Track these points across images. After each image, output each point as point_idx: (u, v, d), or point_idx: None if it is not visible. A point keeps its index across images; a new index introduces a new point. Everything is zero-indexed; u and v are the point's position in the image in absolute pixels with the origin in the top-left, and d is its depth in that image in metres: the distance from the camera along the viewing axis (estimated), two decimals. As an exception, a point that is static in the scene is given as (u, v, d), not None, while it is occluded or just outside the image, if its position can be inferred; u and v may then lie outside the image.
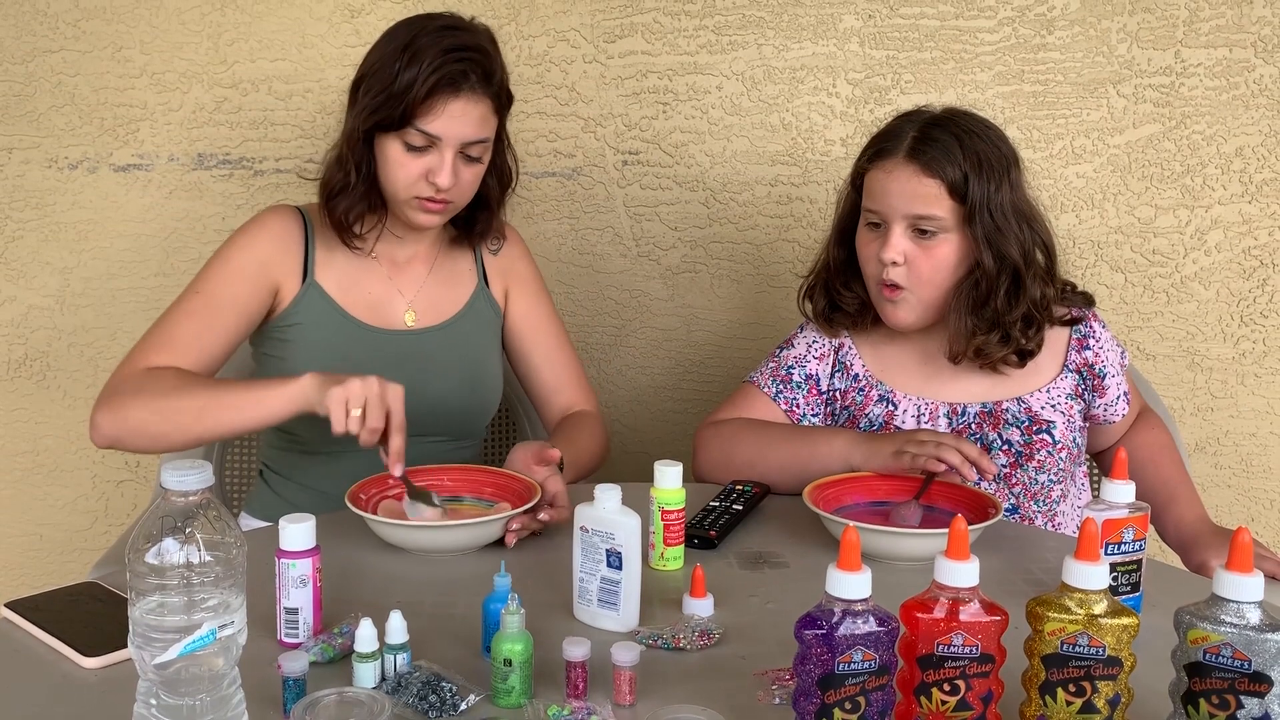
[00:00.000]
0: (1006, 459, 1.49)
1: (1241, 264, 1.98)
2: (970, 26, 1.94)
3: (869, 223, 1.48)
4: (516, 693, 0.93)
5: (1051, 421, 1.50)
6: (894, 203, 1.43)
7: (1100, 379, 1.53)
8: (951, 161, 1.42)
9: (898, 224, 1.44)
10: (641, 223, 2.03)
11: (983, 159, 1.43)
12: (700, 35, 1.96)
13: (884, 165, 1.45)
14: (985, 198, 1.42)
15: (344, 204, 1.50)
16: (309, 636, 1.03)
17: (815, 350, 1.58)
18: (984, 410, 1.50)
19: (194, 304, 1.48)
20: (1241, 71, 1.92)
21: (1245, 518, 2.05)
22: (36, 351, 2.05)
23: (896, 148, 1.44)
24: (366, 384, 1.28)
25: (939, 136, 1.43)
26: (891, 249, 1.44)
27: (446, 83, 1.42)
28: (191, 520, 0.79)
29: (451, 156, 1.44)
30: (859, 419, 1.54)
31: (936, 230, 1.43)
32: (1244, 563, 0.81)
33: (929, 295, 1.46)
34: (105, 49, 1.96)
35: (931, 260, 1.44)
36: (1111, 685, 0.84)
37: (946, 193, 1.42)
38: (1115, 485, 1.09)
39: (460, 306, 1.61)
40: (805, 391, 1.57)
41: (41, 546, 2.13)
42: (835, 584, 0.81)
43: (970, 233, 1.43)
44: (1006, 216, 1.44)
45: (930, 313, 1.48)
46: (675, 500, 1.22)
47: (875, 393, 1.54)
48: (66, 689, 0.96)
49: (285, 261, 1.52)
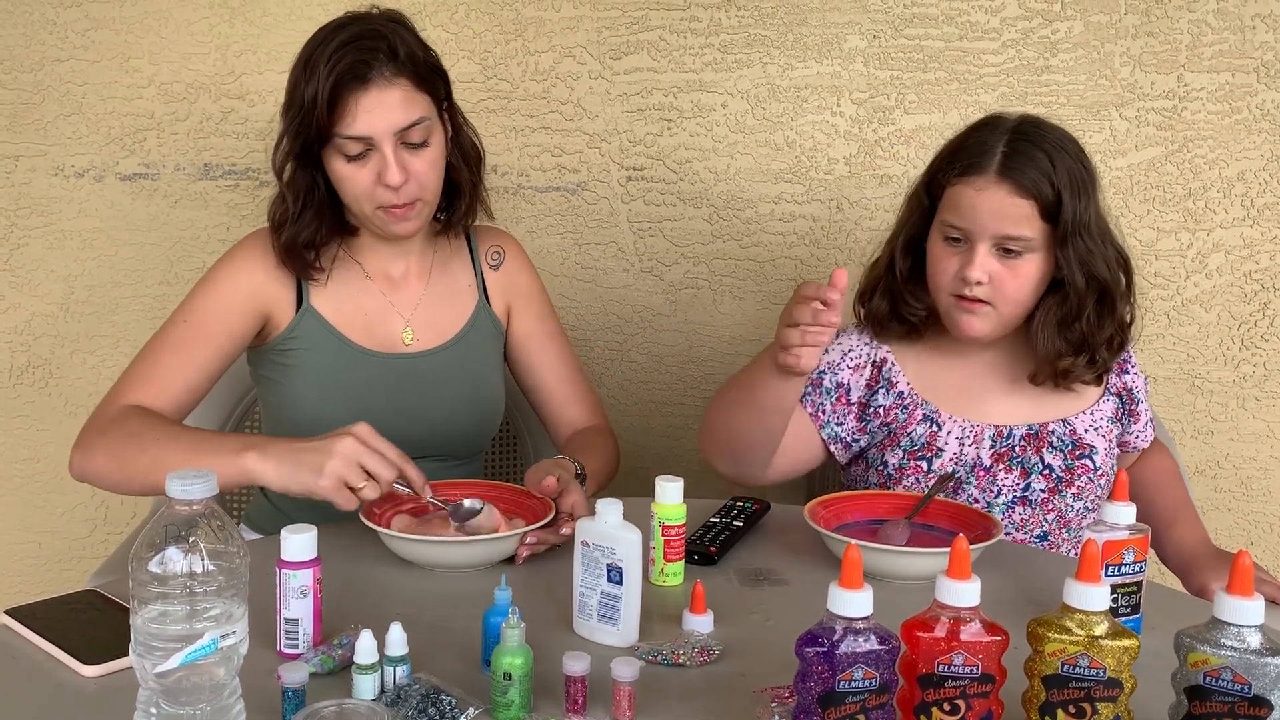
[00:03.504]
0: (1045, 484, 1.47)
1: (1243, 288, 1.99)
2: (974, 48, 1.95)
3: (948, 237, 1.43)
4: (516, 706, 0.93)
5: (1093, 446, 1.48)
6: (984, 222, 1.38)
7: (1135, 404, 1.53)
8: (1046, 179, 1.37)
9: (984, 243, 1.39)
10: (645, 238, 2.04)
11: (1074, 177, 1.39)
12: (706, 53, 1.97)
13: (974, 182, 1.39)
14: (1076, 217, 1.38)
15: (289, 233, 1.46)
16: (309, 647, 1.03)
17: (850, 359, 1.52)
18: (1029, 432, 1.48)
19: (178, 334, 1.45)
20: (1244, 96, 1.93)
21: (1245, 541, 2.05)
22: (39, 359, 2.06)
23: (987, 164, 1.39)
24: (345, 451, 1.19)
25: (1030, 153, 1.38)
26: (977, 268, 1.39)
27: (349, 78, 1.36)
28: (195, 529, 0.79)
29: (391, 150, 1.39)
30: (900, 437, 1.49)
31: (1023, 250, 1.39)
32: (1245, 586, 0.81)
33: (1010, 312, 1.43)
34: (114, 59, 1.97)
35: (1017, 280, 1.40)
36: (1112, 707, 0.84)
37: (1039, 213, 1.38)
38: (1116, 507, 1.10)
39: (460, 325, 1.57)
40: (834, 399, 1.51)
41: (41, 554, 2.12)
42: (837, 602, 0.81)
43: (1061, 253, 1.39)
44: (1094, 235, 1.41)
45: (1005, 328, 1.45)
46: (676, 516, 1.22)
47: (920, 412, 1.49)
48: (66, 697, 0.96)
49: (275, 286, 1.49)
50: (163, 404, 1.41)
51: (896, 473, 1.50)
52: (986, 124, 1.46)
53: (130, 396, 1.40)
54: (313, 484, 1.20)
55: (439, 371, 1.55)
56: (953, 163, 1.43)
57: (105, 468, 1.35)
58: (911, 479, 1.48)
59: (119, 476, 1.35)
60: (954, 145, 1.46)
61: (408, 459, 1.25)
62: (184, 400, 1.44)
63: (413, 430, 1.51)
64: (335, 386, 1.49)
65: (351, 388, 1.49)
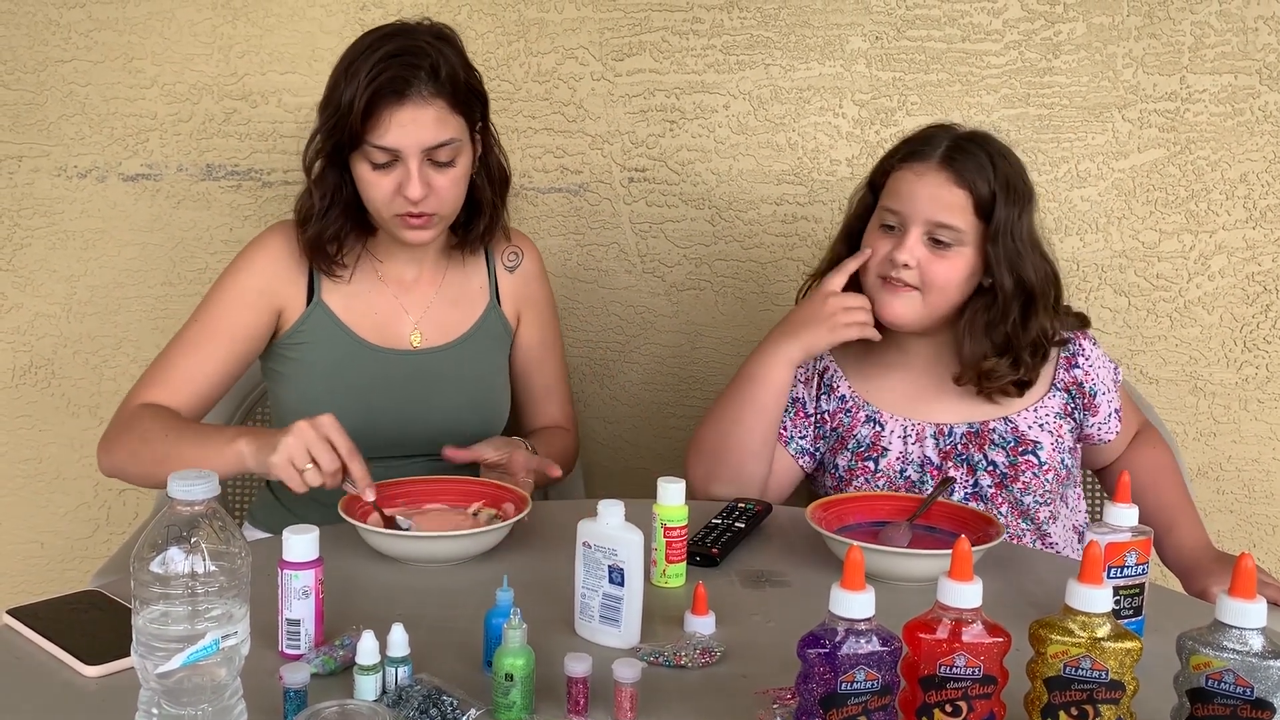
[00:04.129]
0: (991, 480, 1.49)
1: (1245, 289, 1.99)
2: (977, 49, 1.95)
3: (884, 224, 1.48)
4: (518, 707, 0.93)
5: (1038, 442, 1.50)
6: (919, 206, 1.43)
7: (1091, 397, 1.53)
8: (983, 177, 1.43)
9: (916, 228, 1.44)
10: (647, 240, 2.04)
11: (1011, 183, 1.45)
12: (708, 54, 1.97)
13: (915, 167, 1.46)
14: (1010, 220, 1.43)
15: (314, 229, 1.48)
16: (310, 648, 1.03)
17: (800, 375, 1.56)
18: (970, 430, 1.51)
19: (194, 335, 1.49)
20: (1247, 98, 1.93)
21: (1247, 543, 2.05)
22: (42, 359, 2.06)
23: (930, 152, 1.45)
24: (298, 434, 1.26)
25: (974, 151, 1.45)
26: (907, 251, 1.43)
27: (387, 91, 1.38)
28: (197, 530, 0.79)
29: (417, 166, 1.40)
30: (847, 439, 1.54)
31: (952, 242, 1.44)
32: (1247, 589, 0.81)
33: (934, 301, 1.46)
34: (117, 59, 1.97)
35: (944, 269, 1.44)
36: (1114, 709, 0.84)
37: (972, 207, 1.43)
38: (1119, 509, 1.10)
39: (469, 326, 1.59)
40: (792, 415, 1.57)
41: (43, 554, 2.13)
42: (839, 603, 0.81)
43: (992, 250, 1.44)
44: (1025, 242, 1.45)
45: (928, 321, 1.48)
46: (678, 517, 1.22)
47: (863, 414, 1.54)
48: (67, 697, 0.96)
49: (287, 283, 1.52)
50: (179, 403, 1.46)
51: (846, 474, 1.54)
52: (939, 125, 1.52)
53: (147, 396, 1.46)
54: (268, 460, 1.27)
55: (445, 369, 1.56)
56: (899, 151, 1.50)
57: (126, 464, 1.43)
58: (861, 479, 1.53)
59: (137, 471, 1.43)
60: (906, 139, 1.52)
61: (356, 455, 1.28)
62: (200, 400, 1.48)
63: (418, 427, 1.52)
64: (341, 381, 1.50)
65: (357, 383, 1.51)
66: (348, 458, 1.27)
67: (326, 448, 1.26)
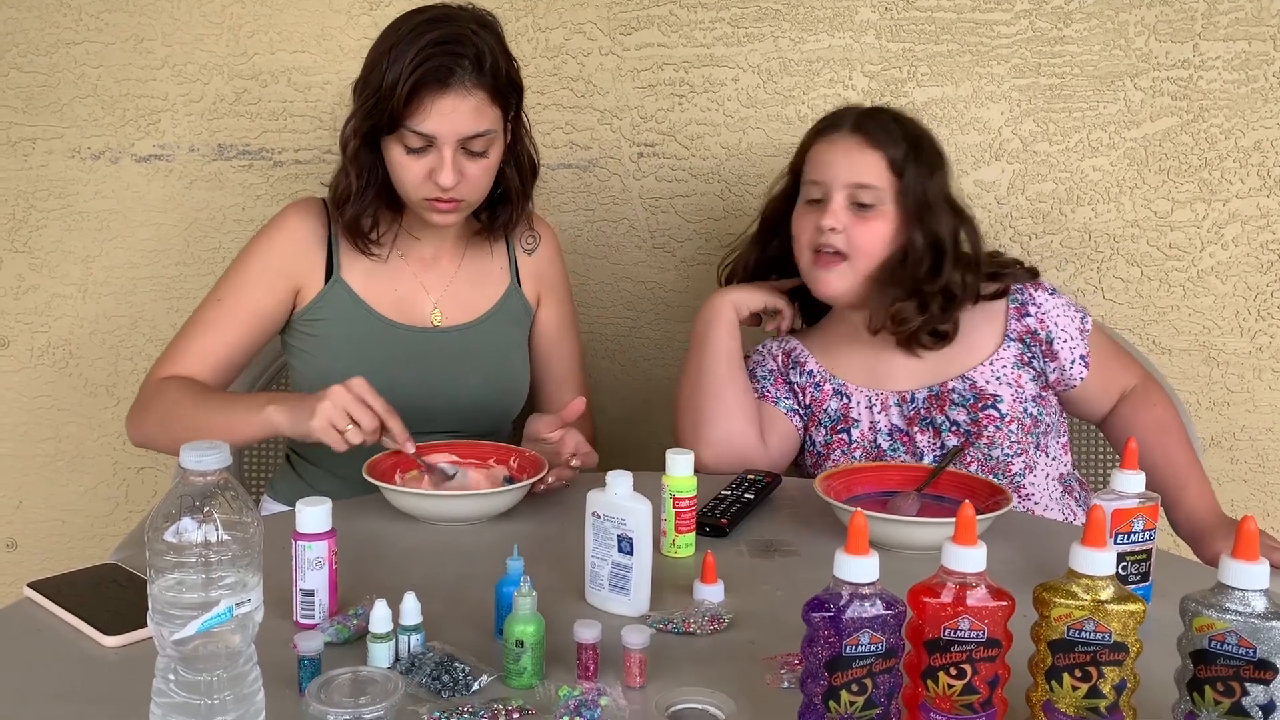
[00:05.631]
0: (957, 440, 1.52)
1: (1259, 258, 1.97)
2: (987, 19, 1.93)
3: (809, 199, 1.55)
4: (528, 674, 0.94)
5: (998, 395, 1.52)
6: (837, 172, 1.51)
7: (1048, 344, 1.54)
8: (892, 139, 1.52)
9: (839, 193, 1.51)
10: (656, 215, 2.04)
11: (920, 144, 1.54)
12: (716, 28, 1.96)
13: (829, 137, 1.55)
14: (919, 178, 1.52)
15: (352, 210, 1.49)
16: (324, 617, 1.04)
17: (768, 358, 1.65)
18: (931, 394, 1.55)
19: (213, 313, 1.51)
20: (1261, 64, 1.91)
21: (1260, 512, 2.05)
22: (59, 339, 2.08)
23: (841, 122, 1.56)
24: (334, 397, 1.29)
25: (882, 119, 1.55)
26: (832, 215, 1.50)
27: (431, 79, 1.38)
28: (210, 500, 0.80)
29: (451, 154, 1.41)
30: (819, 414, 1.60)
31: (874, 203, 1.50)
32: (1250, 550, 0.82)
33: (863, 266, 1.52)
34: (127, 40, 1.98)
35: (869, 232, 1.51)
36: (1117, 671, 0.84)
37: (887, 166, 1.51)
38: (1125, 475, 1.10)
39: (490, 306, 1.61)
40: (772, 381, 1.64)
41: (64, 532, 2.16)
42: (843, 567, 0.82)
43: (902, 205, 1.51)
44: (938, 200, 1.53)
45: (861, 286, 1.53)
46: (687, 488, 1.23)
47: (829, 386, 1.60)
48: (88, 666, 0.98)
49: (305, 261, 1.53)
50: (201, 377, 1.49)
51: (824, 449, 1.59)
52: (846, 106, 1.62)
53: (170, 370, 1.49)
54: (308, 425, 1.30)
55: (465, 348, 1.57)
56: (813, 129, 1.60)
57: (156, 434, 1.46)
58: (838, 451, 1.58)
59: (167, 440, 1.45)
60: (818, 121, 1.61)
61: (393, 414, 1.32)
62: (220, 374, 1.51)
63: (438, 405, 1.54)
64: (361, 357, 1.52)
65: (377, 360, 1.52)
66: (385, 416, 1.31)
67: (363, 408, 1.30)
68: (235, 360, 1.52)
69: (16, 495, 2.14)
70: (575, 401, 1.42)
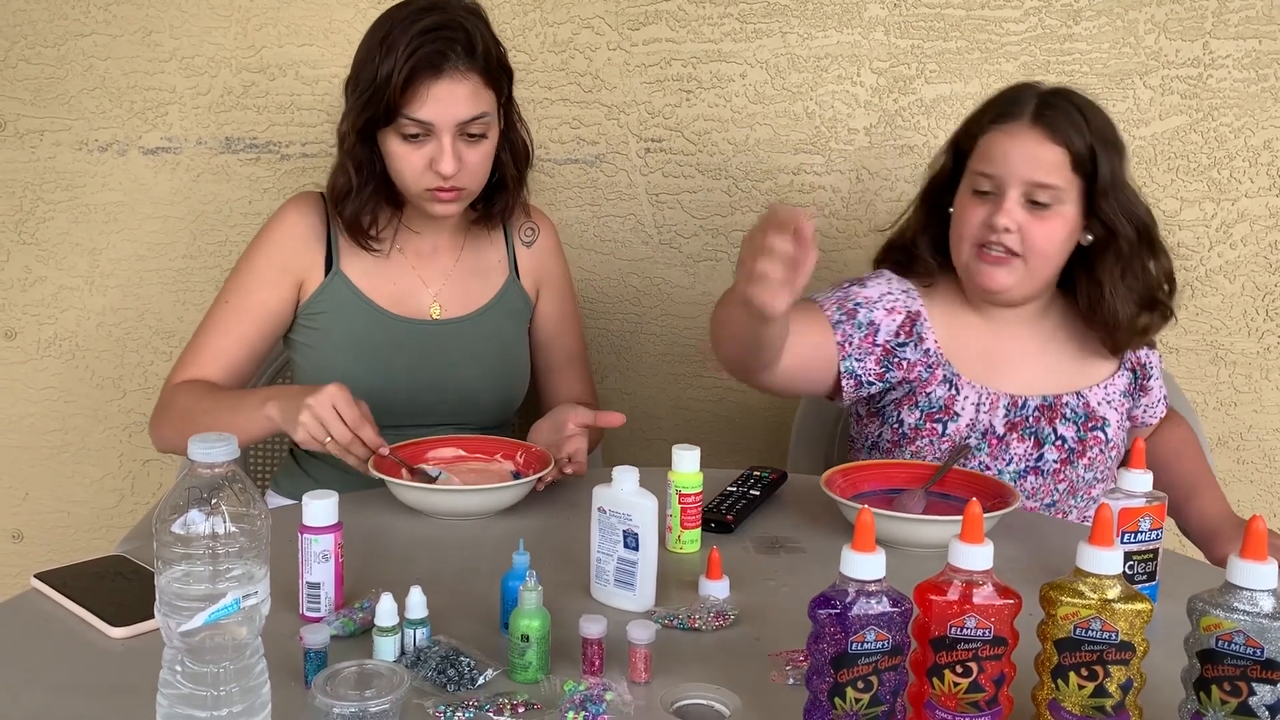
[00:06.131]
0: (1058, 454, 1.47)
1: (1268, 258, 1.97)
2: (996, 16, 1.93)
3: (977, 190, 1.43)
4: (533, 668, 0.94)
5: (1106, 419, 1.48)
6: (1015, 168, 1.39)
7: (1148, 379, 1.53)
8: (1078, 132, 1.39)
9: (1014, 189, 1.40)
10: (663, 210, 2.04)
11: (1105, 135, 1.42)
12: (725, 23, 1.96)
13: (1006, 128, 1.42)
14: (1112, 171, 1.40)
15: (351, 207, 1.50)
16: (330, 611, 1.04)
17: (887, 301, 1.48)
18: (1044, 403, 1.48)
19: (222, 315, 1.53)
20: (1271, 63, 1.90)
21: (1267, 512, 2.04)
22: (66, 331, 2.08)
23: (1020, 111, 1.42)
24: (312, 408, 1.29)
25: (1064, 107, 1.41)
26: (1007, 215, 1.39)
27: (425, 65, 1.39)
28: (217, 492, 0.80)
29: (450, 140, 1.42)
30: (919, 396, 1.48)
31: (1051, 202, 1.40)
32: (1258, 550, 0.81)
33: (1037, 266, 1.42)
34: (135, 33, 1.98)
35: (1045, 231, 1.40)
36: (1124, 670, 0.84)
37: (1069, 164, 1.40)
38: (1133, 474, 1.10)
39: (489, 298, 1.61)
40: (862, 334, 1.47)
41: (70, 524, 2.16)
42: (850, 564, 0.82)
43: (1105, 207, 1.40)
44: (1128, 189, 1.43)
45: (1031, 289, 1.45)
46: (692, 484, 1.22)
47: (941, 372, 1.47)
48: (94, 657, 0.98)
49: (306, 255, 1.54)
50: (214, 378, 1.51)
51: (912, 432, 1.49)
52: (1022, 84, 1.48)
53: (185, 375, 1.51)
54: (296, 436, 1.32)
55: (464, 341, 1.57)
56: (986, 113, 1.46)
57: (174, 439, 1.48)
58: (925, 440, 1.49)
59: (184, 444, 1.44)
60: (986, 102, 1.48)
61: (365, 422, 1.31)
62: (234, 373, 1.52)
63: (437, 398, 1.54)
64: (361, 350, 1.52)
65: (376, 353, 1.53)
66: (356, 427, 1.31)
67: (338, 422, 1.30)
68: (248, 359, 1.53)
69: (23, 487, 2.14)
70: (615, 416, 1.41)
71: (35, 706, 0.91)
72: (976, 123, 1.47)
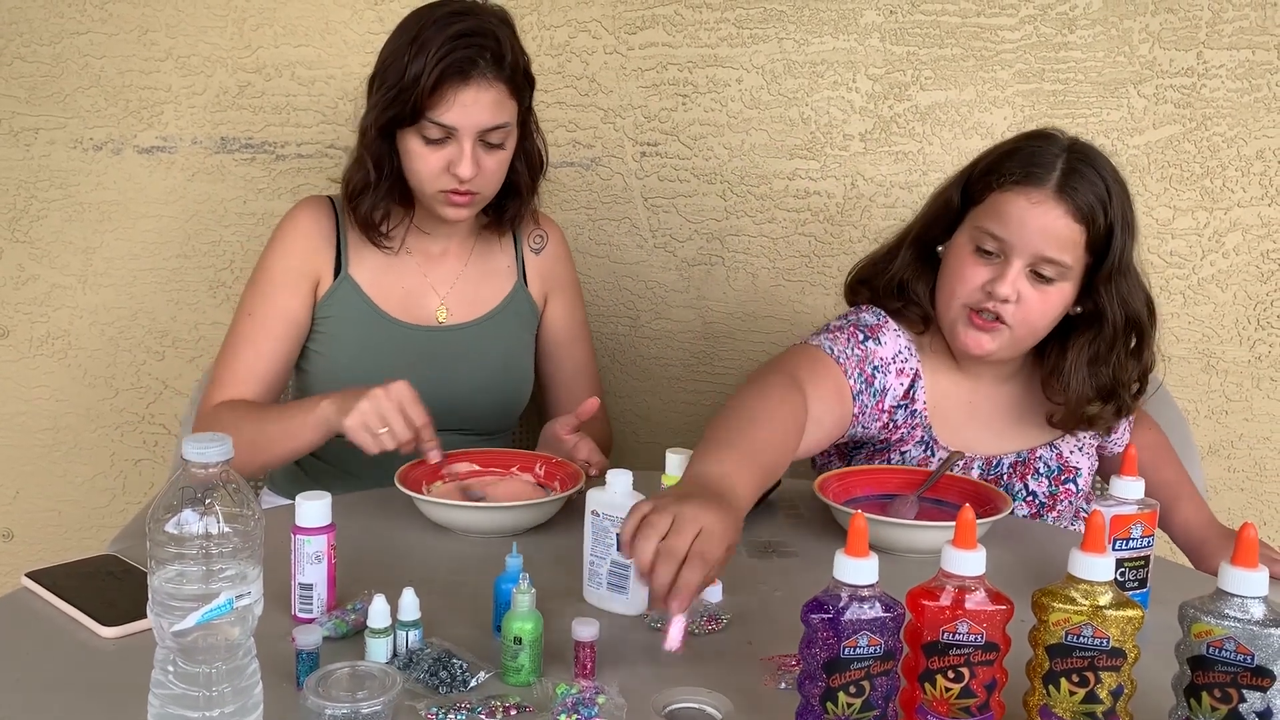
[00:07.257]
0: (1028, 510, 1.46)
1: (1260, 267, 1.98)
2: (991, 24, 1.93)
3: (980, 247, 1.35)
4: (526, 671, 0.94)
5: (1078, 469, 1.47)
6: (1029, 238, 1.31)
7: None
8: (1100, 209, 1.32)
9: (1020, 259, 1.32)
10: (659, 214, 2.04)
11: (1125, 214, 1.35)
12: (721, 28, 1.96)
13: (1029, 194, 1.32)
14: (1125, 253, 1.34)
15: (367, 203, 1.50)
16: (323, 612, 1.04)
17: (898, 362, 1.42)
18: (1018, 460, 1.45)
19: (246, 328, 1.51)
20: (1264, 74, 1.91)
21: (1257, 521, 2.05)
22: (59, 330, 2.08)
23: (1045, 176, 1.32)
24: (374, 401, 1.29)
25: (1090, 176, 1.32)
26: (1009, 284, 1.32)
27: (454, 71, 1.39)
28: (211, 492, 0.80)
29: (470, 146, 1.43)
30: (893, 452, 1.44)
31: (1055, 278, 1.33)
32: (1249, 557, 0.82)
33: (1024, 337, 1.37)
34: (131, 32, 1.98)
35: (1043, 306, 1.34)
36: (1115, 676, 0.85)
37: (1084, 242, 1.33)
38: (1124, 481, 1.10)
39: (496, 304, 1.61)
40: (875, 401, 1.40)
41: (61, 523, 2.15)
42: (843, 569, 0.82)
43: (1105, 289, 1.35)
44: (1134, 275, 1.37)
45: (1013, 353, 1.40)
46: (686, 487, 1.22)
47: (920, 433, 1.43)
48: (85, 657, 0.98)
49: (319, 257, 1.54)
50: (252, 395, 1.49)
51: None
52: (1042, 135, 1.38)
53: (221, 396, 1.49)
54: (344, 421, 1.30)
55: (469, 346, 1.57)
56: (1006, 167, 1.35)
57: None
58: None
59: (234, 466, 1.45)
60: (1006, 150, 1.38)
61: (429, 427, 1.31)
62: (268, 388, 1.51)
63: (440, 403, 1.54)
64: (364, 355, 1.52)
65: (381, 357, 1.53)
66: (422, 429, 1.30)
67: (402, 420, 1.29)
68: (279, 371, 1.52)
69: (13, 485, 2.14)
70: (590, 400, 1.42)
71: (26, 706, 0.90)
72: (994, 172, 1.36)
